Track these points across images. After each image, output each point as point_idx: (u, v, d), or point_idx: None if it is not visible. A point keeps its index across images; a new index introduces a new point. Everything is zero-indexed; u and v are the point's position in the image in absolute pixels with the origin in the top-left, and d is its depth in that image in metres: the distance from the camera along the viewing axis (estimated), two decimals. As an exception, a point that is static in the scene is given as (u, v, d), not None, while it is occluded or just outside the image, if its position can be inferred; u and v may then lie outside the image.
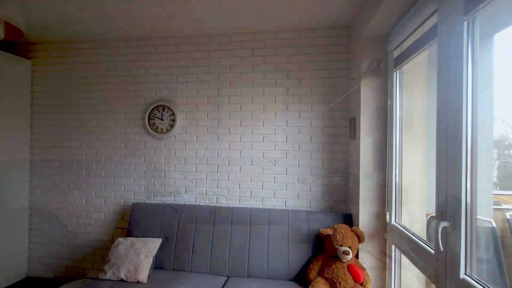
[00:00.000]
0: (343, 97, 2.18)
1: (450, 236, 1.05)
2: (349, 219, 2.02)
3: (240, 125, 2.32)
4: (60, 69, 2.62)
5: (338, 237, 1.76)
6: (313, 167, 2.23)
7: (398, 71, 1.70)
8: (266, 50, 2.29)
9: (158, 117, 2.41)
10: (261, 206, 2.28)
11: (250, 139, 2.31)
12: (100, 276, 1.89)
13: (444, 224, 1.06)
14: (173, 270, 2.05)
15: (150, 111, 2.41)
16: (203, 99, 2.38)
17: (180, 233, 2.12)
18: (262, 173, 2.29)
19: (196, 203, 2.37)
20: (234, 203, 2.33)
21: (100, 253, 2.53)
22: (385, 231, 1.80)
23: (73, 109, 2.59)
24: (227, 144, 2.34)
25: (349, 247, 1.73)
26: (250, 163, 2.30)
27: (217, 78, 2.36)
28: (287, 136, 2.26)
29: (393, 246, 1.72)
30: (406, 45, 1.57)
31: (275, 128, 2.28)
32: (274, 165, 2.27)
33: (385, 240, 1.81)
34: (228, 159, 2.34)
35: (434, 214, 1.18)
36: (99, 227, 2.54)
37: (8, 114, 2.45)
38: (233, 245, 2.03)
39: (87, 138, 2.57)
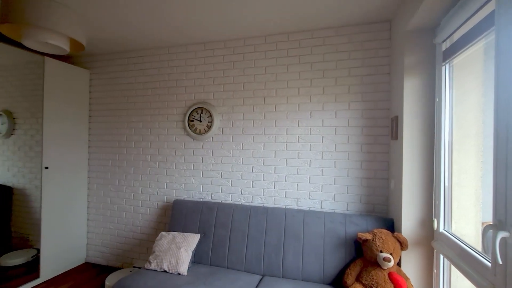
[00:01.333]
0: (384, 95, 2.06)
1: (511, 247, 0.93)
2: (391, 224, 1.90)
3: (275, 126, 2.34)
4: (112, 77, 2.91)
5: (378, 243, 1.67)
6: (350, 169, 2.15)
7: (447, 65, 1.56)
8: (301, 50, 2.27)
9: (197, 119, 2.53)
10: (295, 207, 2.27)
11: (285, 140, 2.31)
12: (145, 266, 2.05)
13: (503, 234, 0.95)
14: (210, 265, 2.14)
15: (190, 113, 2.55)
16: (239, 101, 2.45)
17: (217, 230, 2.20)
18: (297, 173, 2.27)
19: (232, 202, 2.45)
20: (269, 203, 2.35)
21: (145, 245, 2.74)
22: (432, 239, 1.66)
23: (123, 112, 2.85)
24: (262, 144, 2.37)
25: (390, 254, 1.63)
26: (285, 163, 2.30)
27: (252, 80, 2.41)
28: (322, 137, 2.21)
29: (441, 256, 1.58)
30: (457, 36, 1.43)
31: (310, 129, 2.25)
32: (309, 166, 2.24)
33: (431, 249, 1.67)
34: (263, 159, 2.37)
35: (491, 223, 1.06)
36: (144, 221, 2.76)
37: (72, 118, 2.79)
38: (267, 244, 2.05)
39: (135, 139, 2.81)
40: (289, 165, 2.29)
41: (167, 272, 1.97)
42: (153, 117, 2.74)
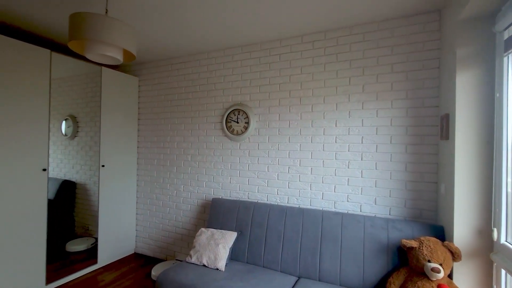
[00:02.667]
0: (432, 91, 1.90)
1: None
2: (440, 232, 1.74)
3: (312, 126, 2.30)
4: (158, 82, 3.14)
5: (425, 251, 1.54)
6: (393, 171, 2.02)
7: (510, 55, 1.38)
8: (339, 47, 2.21)
9: (234, 120, 2.61)
10: (333, 209, 2.20)
11: (322, 140, 2.26)
12: (187, 260, 2.17)
13: None
14: (246, 263, 2.19)
15: (227, 115, 2.64)
16: (274, 102, 2.46)
17: (253, 229, 2.25)
18: (335, 175, 2.20)
19: (268, 202, 2.47)
20: (305, 204, 2.32)
21: (186, 240, 2.91)
22: (490, 251, 1.48)
23: (167, 115, 3.07)
24: (298, 145, 2.35)
25: (440, 264, 1.49)
26: (322, 164, 2.25)
27: (288, 80, 2.40)
28: (362, 137, 2.12)
29: (502, 271, 1.40)
30: (522, 22, 1.26)
31: (349, 129, 2.17)
32: (348, 167, 2.16)
33: (490, 262, 1.49)
34: (299, 160, 2.35)
35: None
36: (186, 217, 2.93)
37: (124, 121, 3.09)
38: (303, 246, 2.03)
39: (177, 140, 3.00)
40: (326, 166, 2.24)
41: (206, 267, 2.07)
42: (193, 119, 2.90)
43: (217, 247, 2.12)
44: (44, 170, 2.36)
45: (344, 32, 2.19)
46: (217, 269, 2.04)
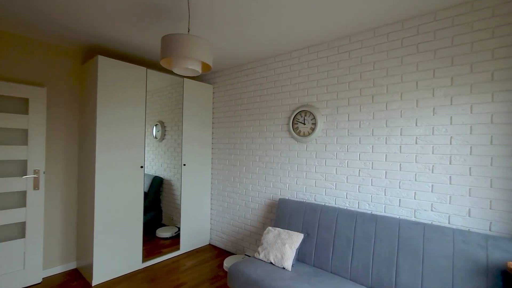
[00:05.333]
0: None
1: None
2: None
3: (386, 126, 2.11)
4: (229, 88, 3.40)
5: (543, 280, 1.23)
6: (495, 178, 1.67)
7: None
8: (420, 37, 1.96)
9: (301, 121, 2.61)
10: (412, 218, 1.97)
11: (398, 141, 2.05)
12: (255, 255, 2.28)
13: None
14: (313, 266, 2.16)
15: (294, 117, 2.66)
16: (343, 101, 2.36)
17: (321, 232, 2.19)
18: (415, 180, 1.96)
19: (336, 206, 2.38)
20: (378, 210, 2.14)
21: (254, 237, 3.05)
22: None
23: (237, 118, 3.29)
24: (370, 146, 2.19)
25: None
26: (399, 168, 2.04)
27: (358, 78, 2.27)
28: (451, 137, 1.83)
29: None
30: None
31: (433, 128, 1.90)
32: (432, 172, 1.89)
33: None
34: (371, 163, 2.18)
35: None
36: (254, 215, 3.07)
37: (200, 125, 3.46)
38: (376, 255, 1.87)
39: (246, 142, 3.18)
40: (404, 170, 2.02)
41: (273, 265, 2.13)
42: (261, 121, 3.02)
43: (283, 247, 2.15)
44: (141, 167, 2.84)
45: (427, 19, 1.94)
46: (284, 268, 2.07)
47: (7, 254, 2.35)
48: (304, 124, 2.58)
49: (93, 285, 2.48)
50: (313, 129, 2.51)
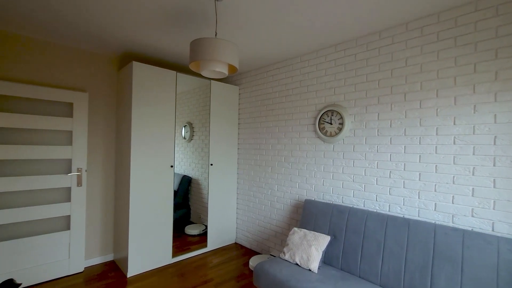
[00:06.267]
0: None
1: None
2: None
3: (420, 125, 2.00)
4: (255, 89, 3.44)
5: None
6: (549, 182, 1.51)
7: None
8: (459, 29, 1.83)
9: (327, 121, 2.56)
10: (450, 224, 1.84)
11: (434, 141, 1.93)
12: (280, 256, 2.28)
13: None
14: (341, 269, 2.10)
15: (320, 117, 2.61)
16: (373, 100, 2.27)
17: (348, 234, 2.13)
18: (453, 183, 1.83)
19: (365, 208, 2.29)
20: (411, 214, 2.03)
21: (279, 237, 3.04)
22: None
23: (263, 119, 3.31)
24: (402, 147, 2.09)
25: None
26: (435, 169, 1.92)
27: (389, 75, 2.17)
28: (495, 137, 1.68)
29: None
30: None
31: (473, 127, 1.76)
32: (473, 174, 1.75)
33: None
34: (403, 164, 2.08)
35: None
36: (279, 216, 3.07)
37: (227, 126, 3.54)
38: (409, 261, 1.78)
39: (272, 142, 3.18)
40: (440, 172, 1.89)
41: (299, 266, 2.11)
42: (286, 122, 3.01)
43: (309, 248, 2.13)
44: (171, 166, 2.97)
45: (467, 9, 1.80)
46: (310, 270, 2.05)
47: (55, 244, 2.60)
48: (331, 124, 2.53)
49: (128, 276, 2.64)
50: (340, 129, 2.45)
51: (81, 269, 2.75)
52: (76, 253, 2.71)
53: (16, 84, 2.39)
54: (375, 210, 2.22)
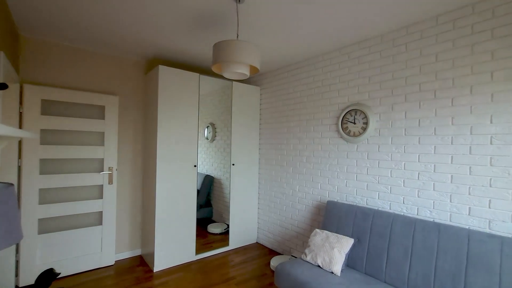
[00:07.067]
0: None
1: None
2: None
3: (452, 124, 1.88)
4: (276, 90, 3.43)
5: None
6: None
7: None
8: (496, 21, 1.70)
9: (351, 121, 2.49)
10: (486, 230, 1.71)
11: (468, 141, 1.81)
12: (302, 257, 2.26)
13: None
14: (365, 273, 2.04)
15: (343, 116, 2.55)
16: (400, 98, 2.18)
17: (373, 238, 2.06)
18: (489, 186, 1.70)
19: (391, 211, 2.20)
20: (441, 218, 1.91)
21: (301, 238, 3.01)
22: None
23: (284, 119, 3.30)
24: (432, 147, 1.98)
25: None
26: (468, 171, 1.80)
27: (418, 72, 2.07)
28: (539, 136, 1.54)
29: None
30: None
31: (513, 125, 1.63)
32: (513, 177, 1.62)
33: None
34: (433, 165, 1.97)
35: None
36: (301, 216, 3.04)
37: (248, 126, 3.57)
38: (439, 269, 1.68)
39: (293, 142, 3.16)
40: (474, 174, 1.77)
41: (321, 268, 2.08)
42: (308, 121, 2.97)
43: (332, 251, 2.08)
44: (195, 166, 3.06)
45: (502, 0, 1.67)
46: (332, 272, 2.01)
47: (89, 238, 2.78)
48: (354, 123, 2.46)
49: (154, 271, 2.76)
50: (364, 129, 2.37)
51: (112, 262, 2.92)
52: (107, 247, 2.88)
53: (60, 89, 2.60)
54: (402, 213, 2.13)
